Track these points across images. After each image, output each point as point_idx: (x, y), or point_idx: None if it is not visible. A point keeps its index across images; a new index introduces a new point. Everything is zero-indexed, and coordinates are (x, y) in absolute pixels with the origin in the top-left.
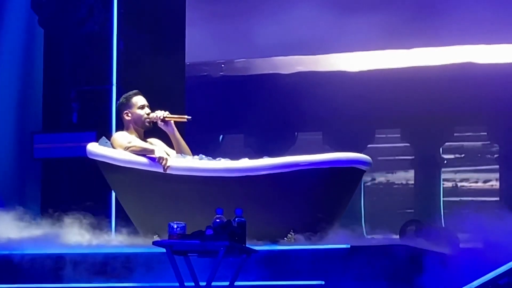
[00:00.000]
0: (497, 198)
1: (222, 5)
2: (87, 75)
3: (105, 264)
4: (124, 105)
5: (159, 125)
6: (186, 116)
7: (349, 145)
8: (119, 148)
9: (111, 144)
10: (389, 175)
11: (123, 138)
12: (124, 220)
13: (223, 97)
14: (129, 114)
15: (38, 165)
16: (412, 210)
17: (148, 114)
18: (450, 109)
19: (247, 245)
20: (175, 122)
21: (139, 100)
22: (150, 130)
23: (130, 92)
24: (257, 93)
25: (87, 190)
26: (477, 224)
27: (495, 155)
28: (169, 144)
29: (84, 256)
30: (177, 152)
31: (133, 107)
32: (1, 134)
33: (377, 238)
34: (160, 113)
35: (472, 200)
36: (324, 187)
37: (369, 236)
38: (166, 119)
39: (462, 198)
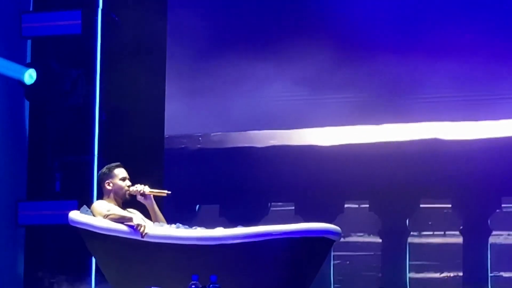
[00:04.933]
0: (461, 273)
1: (200, 81)
2: (70, 146)
3: None
4: (106, 175)
5: (138, 199)
6: (165, 191)
7: (319, 215)
8: (99, 216)
9: (92, 212)
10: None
11: (102, 206)
12: (104, 285)
13: (200, 169)
14: (110, 184)
15: (22, 231)
16: (380, 275)
17: (128, 187)
18: (417, 183)
19: None
20: (154, 195)
21: (121, 172)
22: (128, 201)
23: (113, 164)
24: (232, 165)
25: (68, 255)
26: None
27: (460, 227)
28: (146, 214)
29: None
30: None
31: (115, 178)
32: None
33: None
34: (140, 187)
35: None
36: (296, 256)
37: None
38: (146, 193)
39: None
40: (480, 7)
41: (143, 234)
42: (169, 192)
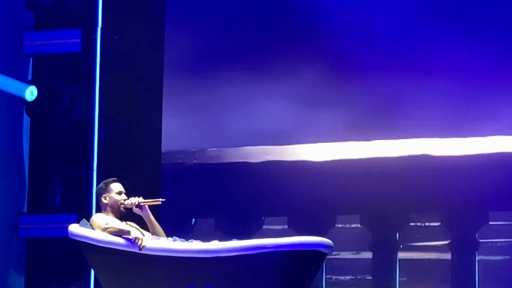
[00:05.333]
0: None
1: (196, 98)
2: (69, 160)
3: None
4: (103, 190)
5: (134, 211)
6: (160, 199)
7: (312, 229)
8: (98, 229)
9: (91, 225)
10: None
11: (101, 219)
12: None
13: (196, 183)
14: (107, 198)
15: (22, 244)
16: None
17: (124, 200)
18: (407, 197)
19: None
20: (150, 206)
21: (116, 186)
22: (126, 213)
23: (109, 179)
24: (227, 180)
25: (68, 267)
26: None
27: (448, 241)
28: (145, 227)
29: None
30: (152, 234)
31: (111, 192)
32: None
33: None
34: (134, 200)
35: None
36: (289, 269)
37: None
38: (141, 204)
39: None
40: (467, 29)
41: (141, 246)
42: (163, 200)
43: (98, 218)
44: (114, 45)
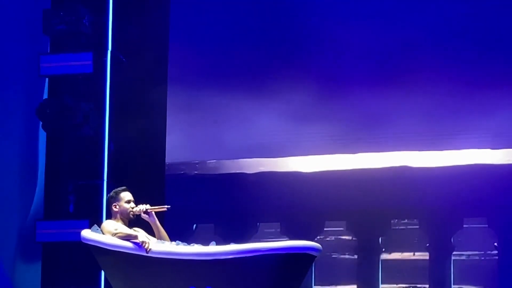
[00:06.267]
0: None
1: (197, 114)
2: (82, 171)
3: None
4: (114, 199)
5: (142, 217)
6: (165, 206)
7: (303, 234)
8: (108, 234)
9: (101, 230)
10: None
11: (111, 225)
12: None
13: (197, 192)
14: (117, 206)
15: (39, 247)
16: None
17: (132, 208)
18: (388, 205)
19: None
20: (156, 212)
21: (126, 195)
22: (134, 220)
23: (119, 188)
24: (225, 189)
25: (80, 269)
26: None
27: (426, 244)
28: (151, 232)
29: None
30: (157, 239)
31: (121, 201)
32: (9, 220)
33: None
34: (142, 207)
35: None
36: (282, 270)
37: None
38: (148, 211)
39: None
40: (442, 50)
41: (147, 250)
42: (169, 206)
43: (108, 224)
44: (123, 66)
